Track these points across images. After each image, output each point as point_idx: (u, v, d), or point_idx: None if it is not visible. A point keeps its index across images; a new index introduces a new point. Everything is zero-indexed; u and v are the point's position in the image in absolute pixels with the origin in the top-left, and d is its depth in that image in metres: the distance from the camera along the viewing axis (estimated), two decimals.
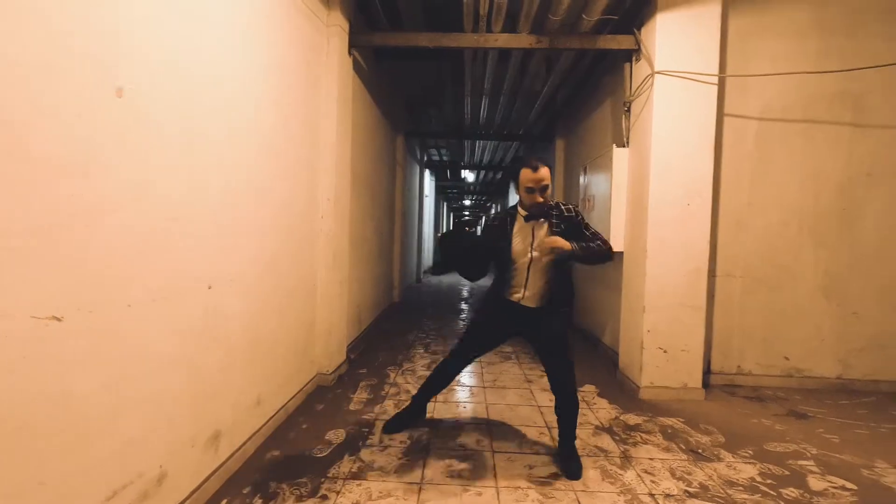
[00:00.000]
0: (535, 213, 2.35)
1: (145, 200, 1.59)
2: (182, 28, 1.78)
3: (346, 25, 3.64)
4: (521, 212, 2.40)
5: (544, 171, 2.26)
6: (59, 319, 1.28)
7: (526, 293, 2.40)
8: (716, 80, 3.38)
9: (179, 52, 1.77)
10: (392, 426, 2.77)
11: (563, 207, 2.39)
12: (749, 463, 2.51)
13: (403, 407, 2.93)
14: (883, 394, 3.65)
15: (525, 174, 2.27)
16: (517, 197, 2.43)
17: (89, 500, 1.40)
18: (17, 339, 1.17)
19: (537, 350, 2.52)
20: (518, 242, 2.39)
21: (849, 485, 2.31)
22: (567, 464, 2.38)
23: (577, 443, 2.69)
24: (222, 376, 2.14)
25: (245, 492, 2.12)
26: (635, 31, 3.61)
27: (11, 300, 1.16)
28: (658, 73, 3.39)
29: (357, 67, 4.17)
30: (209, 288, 2.00)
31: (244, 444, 2.37)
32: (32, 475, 1.22)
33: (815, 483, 2.32)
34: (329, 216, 3.55)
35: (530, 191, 2.28)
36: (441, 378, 2.74)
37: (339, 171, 3.63)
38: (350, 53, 3.77)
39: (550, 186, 2.32)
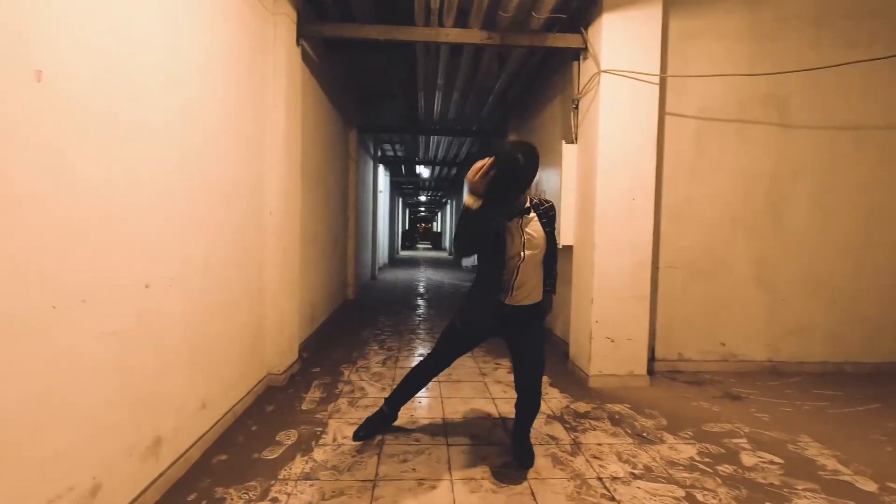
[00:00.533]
0: (518, 208, 2.26)
1: (68, 193, 1.48)
2: (111, 8, 1.66)
3: (293, 14, 3.53)
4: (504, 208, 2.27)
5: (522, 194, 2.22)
6: None
7: (518, 293, 2.28)
8: (657, 79, 3.53)
9: (107, 34, 1.65)
10: (362, 432, 2.64)
11: (546, 204, 2.34)
12: (689, 443, 2.65)
13: (374, 412, 2.75)
14: (807, 374, 3.96)
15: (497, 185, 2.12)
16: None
17: None
18: None
19: (515, 347, 2.40)
20: (510, 238, 2.25)
21: (777, 459, 2.49)
22: (521, 453, 2.41)
23: (531, 431, 2.76)
24: (162, 380, 2.03)
25: (190, 499, 2.03)
26: (582, 30, 3.71)
27: None
28: (604, 71, 3.50)
29: (306, 58, 4.05)
30: (146, 287, 1.90)
31: (188, 449, 2.26)
32: None
33: (748, 459, 2.48)
34: (278, 212, 3.44)
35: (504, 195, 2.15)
36: (418, 381, 2.64)
37: (289, 165, 3.53)
38: (298, 43, 3.66)
39: (526, 194, 2.28)
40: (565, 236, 4.03)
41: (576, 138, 3.99)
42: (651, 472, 2.33)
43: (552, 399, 3.31)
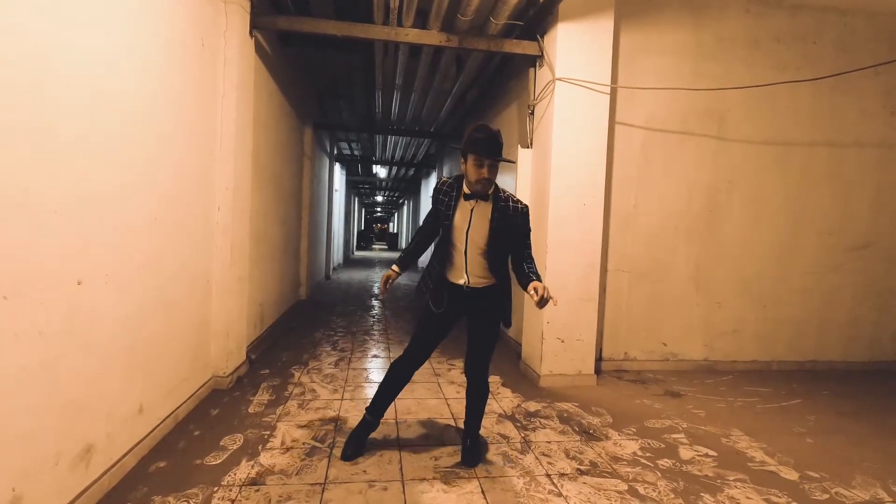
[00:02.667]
0: (480, 190, 2.18)
1: None
2: None
3: (246, 4, 3.41)
4: (466, 189, 2.22)
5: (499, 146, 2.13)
6: None
7: (469, 278, 2.26)
8: (609, 89, 3.67)
9: (38, 19, 1.54)
10: (350, 450, 2.41)
11: (513, 201, 2.24)
12: (632, 439, 2.77)
13: (357, 426, 2.51)
14: (739, 372, 4.23)
15: (476, 160, 2.11)
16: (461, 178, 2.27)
17: None
18: None
19: (472, 326, 2.39)
20: (458, 219, 2.23)
21: (711, 452, 2.64)
22: (470, 452, 2.43)
23: (482, 431, 2.79)
24: (94, 384, 1.91)
25: None
26: (539, 37, 3.81)
27: None
28: (558, 79, 3.61)
29: (260, 51, 3.93)
30: (78, 283, 1.77)
31: (123, 457, 2.13)
32: None
33: (685, 453, 2.62)
34: (227, 208, 3.31)
35: (479, 164, 2.11)
36: (400, 380, 2.45)
37: (239, 160, 3.40)
38: (252, 35, 3.54)
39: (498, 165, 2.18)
40: None
41: (531, 143, 4.08)
42: (597, 468, 2.41)
43: (504, 399, 3.36)
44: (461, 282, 2.29)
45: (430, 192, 2.47)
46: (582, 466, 2.42)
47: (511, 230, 2.23)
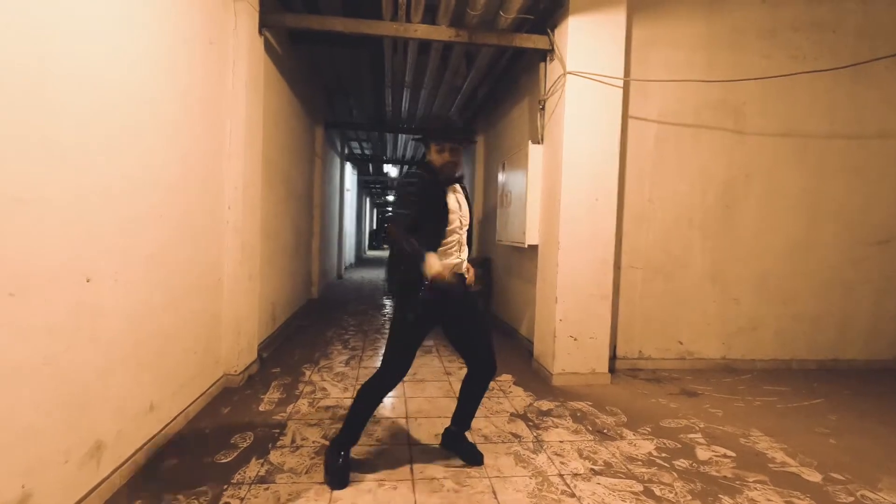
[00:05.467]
0: (449, 174, 2.19)
1: None
2: None
3: (255, 3, 3.41)
4: (439, 176, 2.19)
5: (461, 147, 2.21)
6: None
7: (461, 261, 2.24)
8: (621, 83, 3.60)
9: (48, 17, 1.53)
10: (340, 479, 2.14)
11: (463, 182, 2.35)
12: (647, 439, 2.71)
13: (339, 461, 2.18)
14: (757, 371, 4.12)
15: (441, 147, 2.16)
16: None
17: None
18: None
19: (462, 325, 2.28)
20: (452, 204, 2.19)
21: (730, 453, 2.56)
22: (471, 450, 2.39)
23: (494, 430, 2.76)
24: (103, 381, 1.91)
25: None
26: (549, 31, 3.75)
27: None
28: (569, 73, 3.55)
29: (269, 49, 3.93)
30: (87, 281, 1.77)
31: (134, 454, 2.14)
32: None
33: (702, 453, 2.55)
34: (237, 206, 3.32)
35: (442, 150, 2.15)
36: (374, 401, 2.27)
37: (249, 158, 3.40)
38: (261, 33, 3.54)
39: (462, 152, 2.26)
40: (531, 235, 4.06)
41: (542, 139, 4.03)
42: (611, 468, 2.36)
43: (516, 397, 3.32)
44: (454, 268, 2.17)
45: (417, 194, 2.12)
46: (596, 466, 2.37)
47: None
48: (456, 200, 2.23)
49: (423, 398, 3.24)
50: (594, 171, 3.59)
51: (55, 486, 1.65)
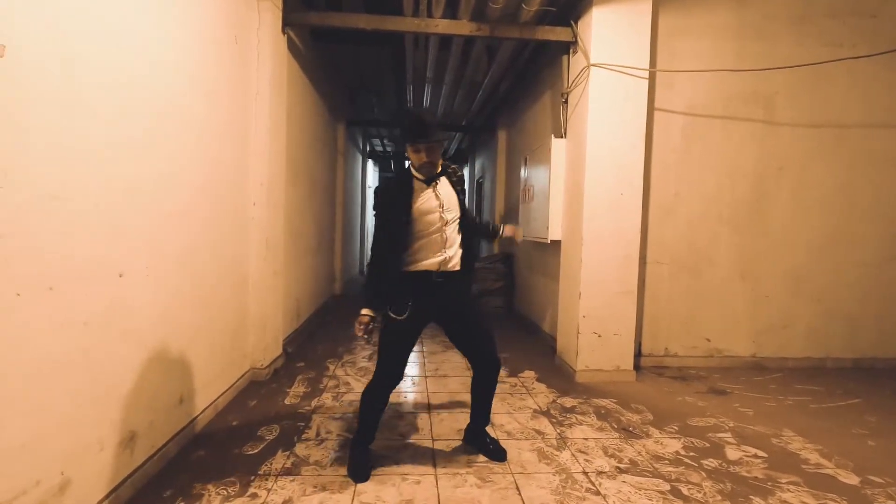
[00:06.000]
0: (427, 173, 2.13)
1: (32, 174, 1.41)
2: None
3: (278, 2, 3.45)
4: (417, 175, 2.15)
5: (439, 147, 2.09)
6: None
7: (447, 257, 2.16)
8: (647, 74, 3.52)
9: (81, 15, 1.58)
10: (362, 473, 2.17)
11: (451, 167, 2.26)
12: (674, 438, 2.65)
13: (357, 454, 2.25)
14: (790, 370, 3.99)
15: (417, 147, 2.07)
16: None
17: None
18: None
19: (459, 324, 2.28)
20: (427, 203, 2.13)
21: (761, 453, 2.49)
22: (494, 446, 2.38)
23: (517, 426, 2.74)
24: (136, 373, 1.97)
25: (166, 495, 1.97)
26: (572, 23, 3.69)
27: None
28: (593, 65, 3.48)
29: (292, 48, 3.98)
30: (120, 276, 1.83)
31: (165, 445, 2.20)
32: None
33: (732, 453, 2.49)
34: (261, 203, 3.37)
35: (416, 150, 2.08)
36: (378, 406, 2.25)
37: (273, 156, 3.45)
38: (284, 32, 3.58)
39: (441, 147, 2.14)
40: (553, 231, 4.02)
41: (565, 133, 3.97)
42: (636, 467, 2.32)
43: (539, 394, 3.29)
44: (437, 267, 2.15)
45: (381, 206, 2.22)
46: (621, 465, 2.33)
47: (463, 196, 2.27)
48: (435, 197, 2.15)
49: (445, 393, 3.25)
50: (619, 165, 3.52)
51: (92, 473, 1.71)
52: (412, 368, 3.80)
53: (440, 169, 2.19)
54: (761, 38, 3.90)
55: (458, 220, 2.23)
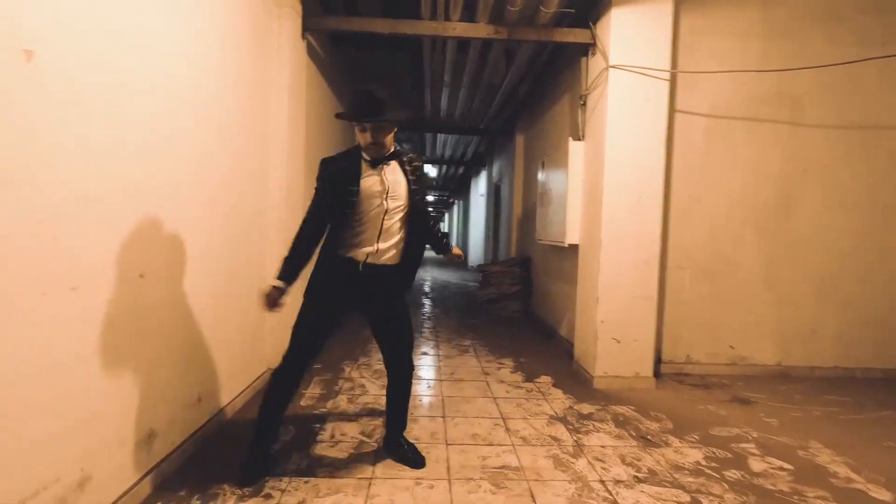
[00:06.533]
0: (374, 155, 2.05)
1: (54, 176, 1.44)
2: None
3: (298, 7, 3.50)
4: (364, 155, 2.07)
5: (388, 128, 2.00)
6: None
7: (379, 249, 2.08)
8: (668, 75, 3.46)
9: (104, 21, 1.62)
10: (251, 475, 2.10)
11: (410, 155, 2.19)
12: (695, 447, 2.58)
13: (250, 451, 2.15)
14: (817, 379, 3.86)
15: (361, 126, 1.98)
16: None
17: None
18: None
19: (378, 316, 2.23)
20: (369, 188, 2.04)
21: (786, 465, 2.41)
22: (413, 454, 2.32)
23: (532, 432, 2.71)
24: (155, 372, 2.00)
25: (182, 493, 1.99)
26: (591, 25, 3.65)
27: None
28: (612, 67, 3.44)
29: (312, 53, 4.02)
30: (141, 276, 1.86)
31: (183, 443, 2.23)
32: None
33: (756, 464, 2.41)
34: (280, 205, 3.41)
35: (362, 129, 1.99)
36: (284, 392, 2.18)
37: (292, 159, 3.49)
38: (304, 37, 3.63)
39: (390, 128, 2.03)
40: (571, 234, 3.97)
41: (583, 135, 3.93)
42: (655, 476, 2.26)
43: (555, 400, 3.25)
44: (364, 257, 2.08)
45: (322, 178, 2.12)
46: (639, 474, 2.28)
47: (423, 191, 2.21)
48: (381, 181, 2.06)
49: (460, 398, 3.23)
50: (638, 168, 3.47)
51: (111, 470, 1.74)
52: (427, 372, 3.79)
53: (391, 152, 2.10)
54: (788, 37, 3.81)
55: (403, 212, 2.13)
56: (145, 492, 1.94)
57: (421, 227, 2.23)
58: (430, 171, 14.18)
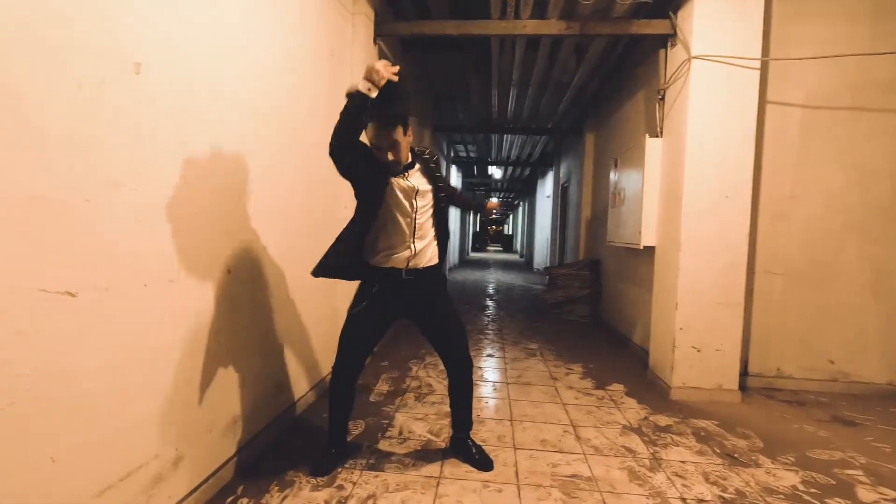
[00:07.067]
0: (395, 168, 2.00)
1: (157, 178, 1.57)
2: (203, 8, 1.76)
3: (371, 14, 3.60)
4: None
5: (391, 130, 1.90)
6: (72, 295, 1.26)
7: (416, 250, 2.07)
8: (758, 64, 3.19)
9: (199, 32, 1.75)
10: (325, 466, 2.18)
11: (425, 152, 2.14)
12: (790, 470, 2.35)
13: (324, 448, 2.28)
14: None
15: (369, 129, 1.92)
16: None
17: (104, 479, 1.39)
18: (23, 312, 1.15)
19: (426, 319, 2.21)
20: (397, 184, 2.01)
21: None
22: (480, 455, 2.29)
23: (604, 442, 2.59)
24: (240, 362, 2.12)
25: (262, 480, 2.10)
26: (671, 14, 3.45)
27: (11, 272, 1.13)
28: (695, 58, 3.23)
29: (383, 58, 4.12)
30: (227, 272, 1.99)
31: (262, 431, 2.35)
32: (43, 450, 1.21)
33: (865, 494, 2.15)
34: (352, 207, 3.50)
35: (376, 148, 1.94)
36: (340, 399, 2.22)
37: None
38: (375, 43, 3.73)
39: (403, 142, 1.94)
40: (647, 236, 3.77)
41: (661, 132, 3.72)
42: (745, 498, 2.08)
43: (629, 409, 3.09)
44: (405, 263, 2.06)
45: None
46: (726, 494, 2.10)
47: (444, 178, 2.18)
48: (401, 188, 2.01)
49: (527, 402, 3.16)
50: (723, 166, 3.22)
51: (201, 452, 1.86)
52: (493, 374, 3.75)
53: (409, 158, 2.03)
54: None
55: (431, 209, 2.11)
56: (228, 475, 2.06)
57: (456, 204, 2.37)
58: (496, 172, 14.11)
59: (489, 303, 7.51)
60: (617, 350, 4.67)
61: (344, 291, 3.50)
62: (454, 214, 13.56)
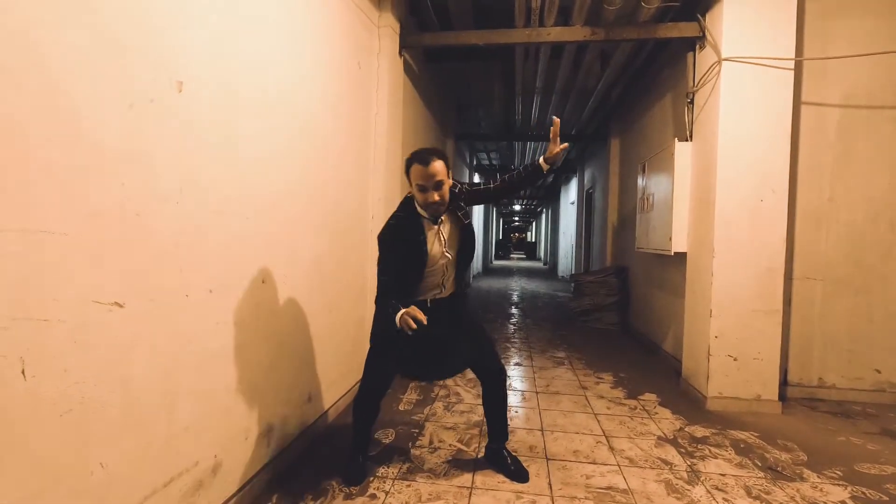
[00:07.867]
0: (435, 213, 2.03)
1: (197, 190, 1.62)
2: (238, 27, 1.82)
3: (396, 26, 3.66)
4: (422, 213, 2.05)
5: (438, 165, 1.93)
6: (120, 306, 1.31)
7: (444, 291, 2.17)
8: (792, 64, 3.11)
9: (235, 50, 1.81)
10: (354, 476, 2.21)
11: (456, 194, 2.11)
12: (838, 485, 2.25)
13: (350, 457, 2.30)
14: None
15: (416, 170, 1.95)
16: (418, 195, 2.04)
17: (147, 485, 1.43)
18: (77, 322, 1.20)
19: (457, 335, 2.21)
20: (434, 246, 2.06)
21: None
22: (515, 466, 2.27)
23: (639, 453, 2.53)
24: (273, 371, 2.16)
25: (295, 488, 2.12)
26: (699, 16, 3.39)
27: (71, 284, 1.19)
28: (725, 59, 3.16)
29: (408, 69, 4.18)
30: (263, 282, 2.03)
31: (295, 439, 2.38)
32: (95, 456, 1.25)
33: None
34: (379, 217, 3.55)
35: (423, 189, 1.96)
36: (365, 415, 2.28)
37: (389, 172, 3.64)
38: (401, 54, 3.78)
39: (447, 181, 1.99)
40: (678, 242, 3.69)
41: (690, 136, 3.65)
42: None
43: (663, 420, 3.01)
44: (432, 297, 2.14)
45: (388, 243, 2.05)
46: None
47: (471, 200, 2.19)
48: (439, 237, 2.07)
49: (557, 411, 3.11)
50: (757, 168, 3.14)
51: (238, 459, 1.90)
52: (521, 383, 3.72)
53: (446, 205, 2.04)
54: None
55: (459, 246, 2.16)
56: (262, 482, 2.09)
57: (521, 184, 2.33)
58: None
59: (514, 311, 7.46)
60: (647, 358, 4.57)
61: (370, 301, 3.53)
62: (478, 220, 13.55)
